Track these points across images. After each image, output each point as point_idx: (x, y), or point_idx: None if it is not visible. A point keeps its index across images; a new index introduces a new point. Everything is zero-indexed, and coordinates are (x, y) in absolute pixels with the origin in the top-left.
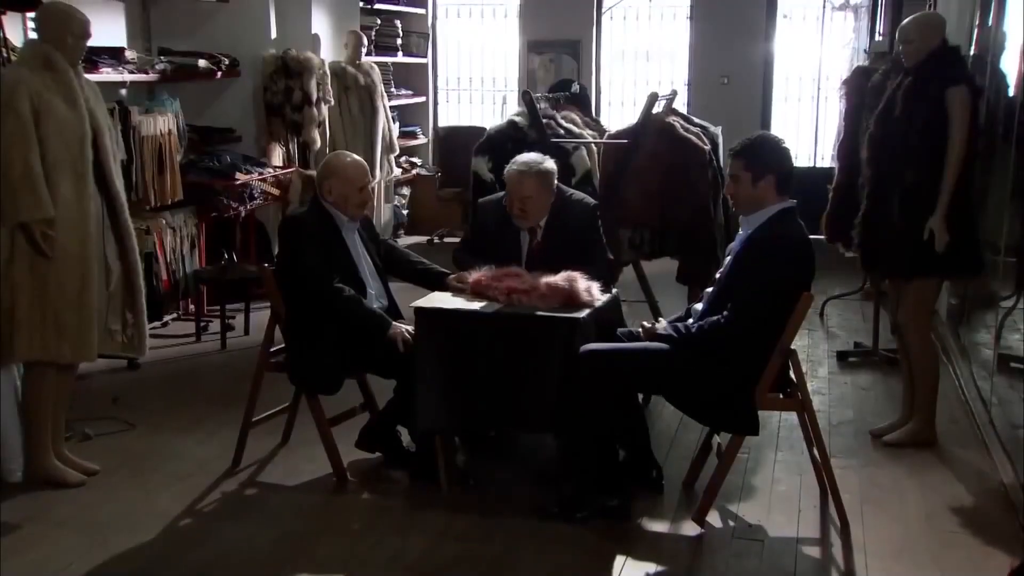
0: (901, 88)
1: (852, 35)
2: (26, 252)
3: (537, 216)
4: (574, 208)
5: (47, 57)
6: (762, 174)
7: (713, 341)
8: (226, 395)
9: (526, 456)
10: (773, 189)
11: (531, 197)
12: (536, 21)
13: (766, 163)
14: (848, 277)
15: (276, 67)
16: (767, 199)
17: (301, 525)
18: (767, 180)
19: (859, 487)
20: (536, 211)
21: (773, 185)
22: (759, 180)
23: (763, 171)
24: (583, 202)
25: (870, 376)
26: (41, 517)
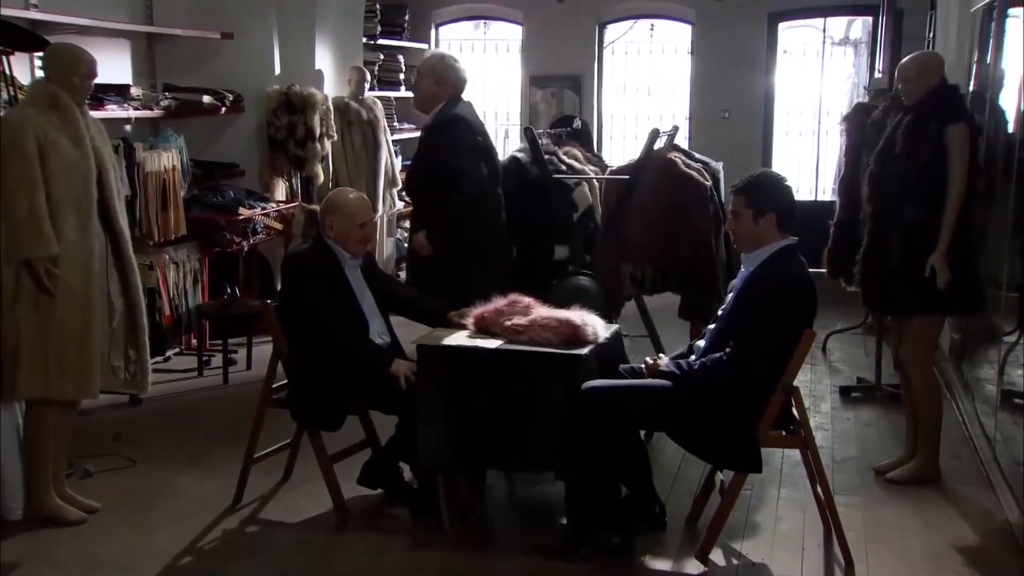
0: (901, 126)
1: (852, 70)
2: (30, 290)
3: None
4: None
5: (54, 96)
6: (763, 211)
7: (715, 378)
8: (228, 431)
9: (528, 493)
10: (774, 226)
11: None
12: (538, 56)
13: (767, 200)
14: (850, 311)
15: (280, 102)
16: (768, 236)
17: (303, 563)
18: (768, 218)
19: (863, 525)
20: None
21: (774, 223)
22: (760, 217)
23: (764, 208)
24: None
25: (873, 412)
26: (41, 555)
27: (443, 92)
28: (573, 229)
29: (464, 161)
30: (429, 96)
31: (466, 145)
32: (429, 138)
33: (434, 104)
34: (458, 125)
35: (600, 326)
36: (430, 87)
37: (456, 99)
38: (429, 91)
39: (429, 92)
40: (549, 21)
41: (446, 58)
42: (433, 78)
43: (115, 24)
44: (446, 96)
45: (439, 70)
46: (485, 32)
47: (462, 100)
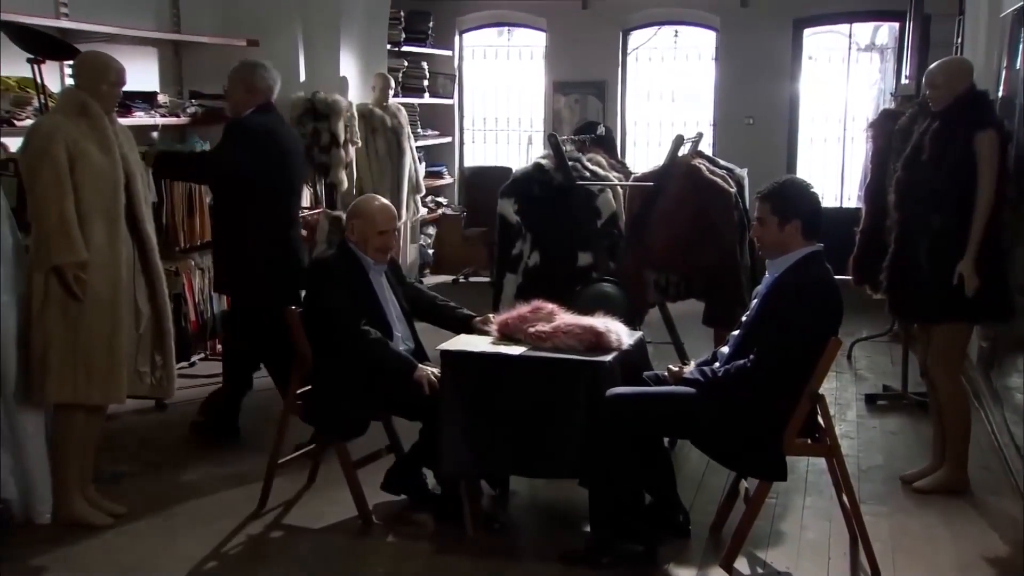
0: (928, 132)
1: (878, 76)
2: (59, 296)
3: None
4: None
5: (83, 104)
6: (789, 218)
7: (739, 385)
8: (252, 436)
9: (551, 500)
10: (799, 234)
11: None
12: (562, 62)
13: (793, 207)
14: (876, 319)
15: (304, 109)
16: (793, 243)
17: (326, 568)
18: (793, 224)
19: (890, 535)
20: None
21: (799, 230)
22: (786, 224)
23: (790, 215)
24: None
25: (899, 420)
26: (68, 560)
27: (253, 99)
28: (597, 236)
29: (225, 152)
30: (240, 102)
31: (241, 144)
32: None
33: (244, 110)
34: (243, 128)
35: (624, 333)
36: (242, 94)
37: (265, 107)
38: (241, 98)
39: (240, 99)
40: (573, 27)
41: (258, 67)
42: (244, 86)
43: (143, 32)
44: (255, 103)
45: (249, 79)
46: (509, 39)
47: (272, 110)
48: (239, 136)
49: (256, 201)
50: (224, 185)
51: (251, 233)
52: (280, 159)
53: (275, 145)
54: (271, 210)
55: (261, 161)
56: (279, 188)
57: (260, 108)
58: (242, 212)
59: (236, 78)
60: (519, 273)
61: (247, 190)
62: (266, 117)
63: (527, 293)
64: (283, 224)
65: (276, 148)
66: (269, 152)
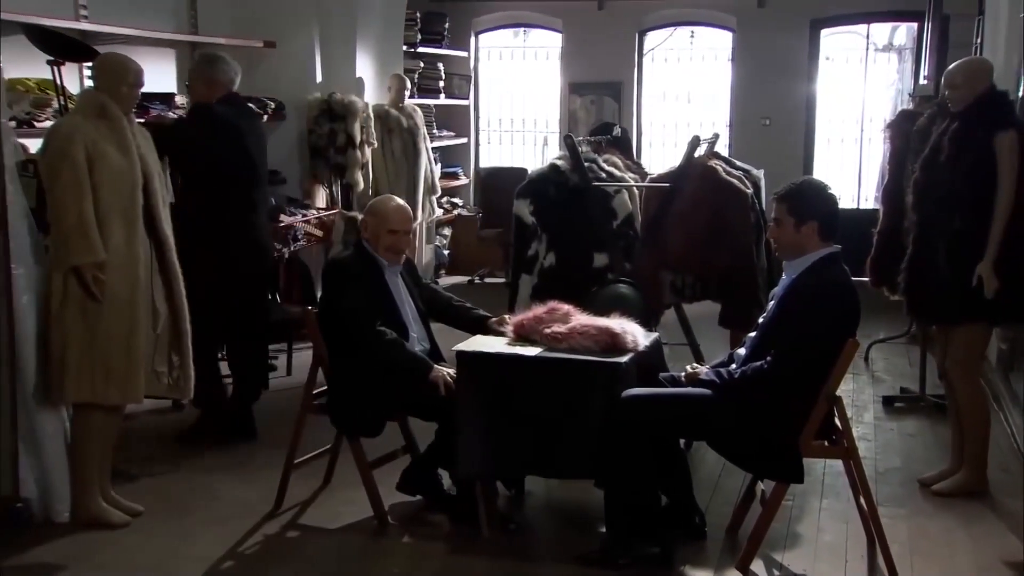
0: (947, 133)
1: (896, 76)
2: (77, 296)
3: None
4: None
5: (102, 106)
6: (805, 219)
7: (756, 387)
8: (268, 436)
9: (567, 501)
10: (816, 235)
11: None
12: (577, 63)
13: (810, 209)
14: (893, 321)
15: (321, 110)
16: (810, 245)
17: (342, 569)
18: (810, 226)
19: (908, 537)
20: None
21: (816, 231)
22: (802, 225)
23: (806, 216)
24: None
25: (917, 422)
26: (86, 558)
27: (213, 92)
28: (613, 237)
29: (179, 129)
30: (202, 96)
31: (198, 126)
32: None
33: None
34: (205, 112)
35: (640, 334)
36: (203, 88)
37: (227, 98)
38: (202, 92)
39: (202, 93)
40: (589, 28)
41: (218, 60)
42: (204, 79)
43: (161, 34)
44: (216, 96)
45: (209, 73)
46: (525, 39)
47: (235, 101)
48: (198, 118)
49: (218, 187)
50: (186, 172)
51: (215, 218)
52: (240, 146)
53: (235, 133)
54: (234, 196)
55: (221, 147)
56: (241, 175)
57: (222, 100)
58: (206, 198)
59: (196, 73)
60: (535, 274)
61: (209, 177)
62: (228, 108)
63: (543, 294)
64: (246, 209)
65: (236, 136)
66: (230, 139)
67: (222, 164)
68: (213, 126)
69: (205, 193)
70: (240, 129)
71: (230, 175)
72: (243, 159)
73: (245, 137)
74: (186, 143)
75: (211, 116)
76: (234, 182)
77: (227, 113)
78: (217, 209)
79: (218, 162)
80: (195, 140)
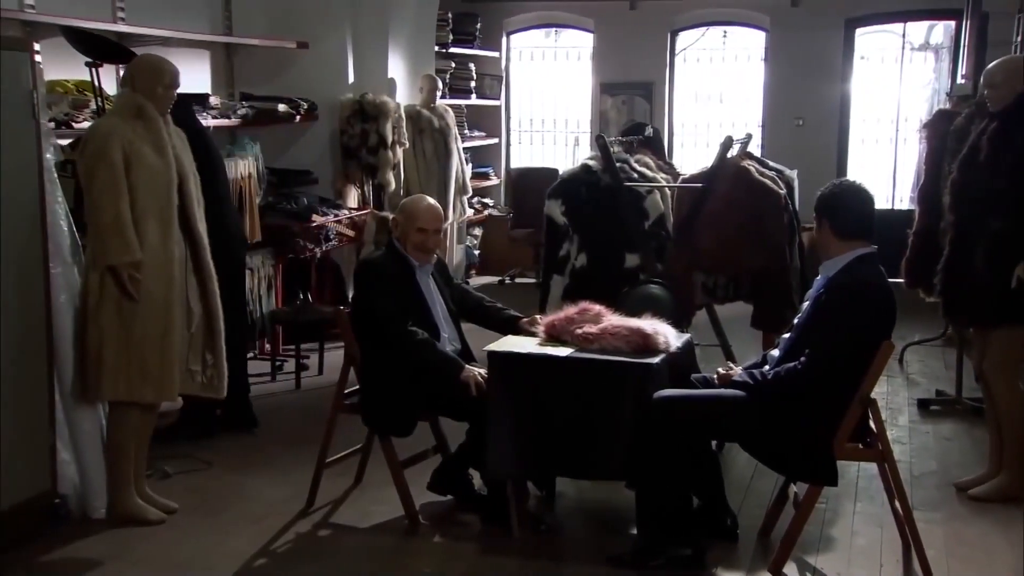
0: (986, 133)
1: (932, 76)
2: (114, 296)
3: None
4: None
5: (139, 106)
6: (819, 223)
7: (789, 388)
8: (300, 435)
9: (598, 502)
10: (832, 236)
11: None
12: (609, 63)
13: (820, 210)
14: (928, 322)
15: (353, 111)
16: (832, 244)
17: (373, 568)
18: (824, 228)
19: (944, 542)
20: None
21: (831, 232)
22: (819, 228)
23: (819, 219)
24: None
25: (953, 425)
26: (122, 555)
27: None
28: (644, 237)
29: None
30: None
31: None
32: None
33: None
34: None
35: (672, 335)
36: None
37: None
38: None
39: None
40: (620, 28)
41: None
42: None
43: (196, 35)
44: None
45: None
46: (556, 40)
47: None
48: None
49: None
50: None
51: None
52: (203, 146)
53: (200, 136)
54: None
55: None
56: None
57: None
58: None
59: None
60: (566, 274)
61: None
62: (181, 110)
63: (574, 294)
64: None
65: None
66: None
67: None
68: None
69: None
70: (193, 129)
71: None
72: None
73: (200, 135)
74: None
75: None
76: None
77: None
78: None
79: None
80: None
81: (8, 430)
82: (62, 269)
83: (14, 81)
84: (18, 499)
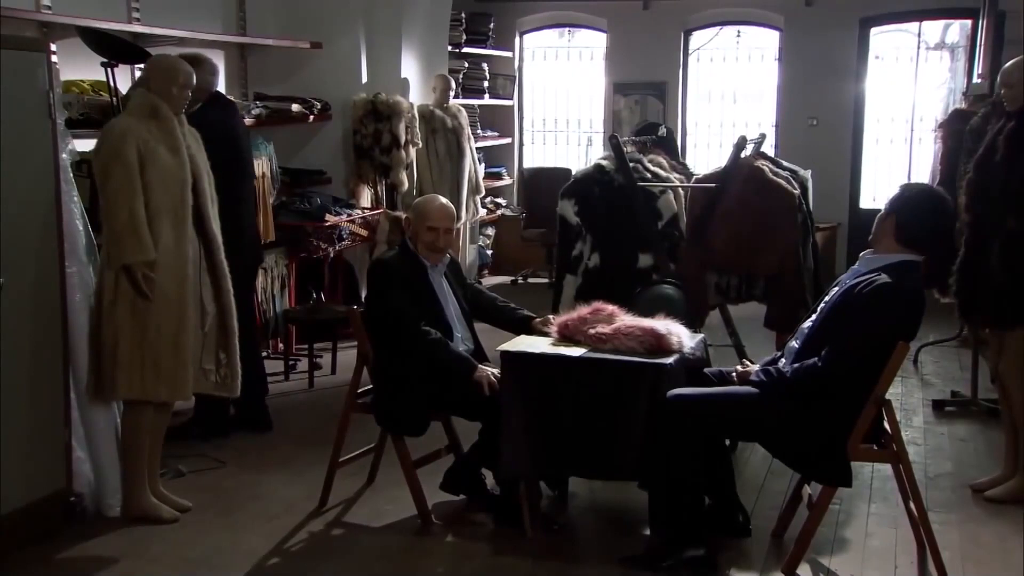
0: (1003, 132)
1: (948, 75)
2: (128, 295)
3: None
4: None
5: (153, 106)
6: (889, 211)
7: (808, 386)
8: (313, 434)
9: (611, 502)
10: (893, 231)
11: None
12: (622, 63)
13: (896, 202)
14: (943, 323)
15: (366, 111)
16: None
17: (386, 567)
18: (890, 220)
19: (959, 544)
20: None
21: (893, 226)
22: (887, 217)
23: (890, 209)
24: None
25: (969, 427)
26: (137, 552)
27: (197, 97)
28: (657, 237)
29: None
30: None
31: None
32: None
33: (193, 107)
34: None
35: (685, 335)
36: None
37: (212, 99)
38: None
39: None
40: (634, 28)
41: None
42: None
43: (210, 35)
44: (200, 100)
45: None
46: (569, 40)
47: (219, 101)
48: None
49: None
50: None
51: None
52: (229, 147)
53: (229, 136)
54: (229, 194)
55: (219, 154)
56: (233, 173)
57: (208, 102)
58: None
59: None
60: (579, 274)
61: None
62: (215, 110)
63: (587, 294)
64: (235, 202)
65: (231, 139)
66: (225, 143)
67: (219, 171)
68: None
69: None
70: (231, 131)
71: (224, 177)
72: (236, 161)
73: (237, 138)
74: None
75: (206, 127)
76: (227, 181)
77: (216, 118)
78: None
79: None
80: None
81: (24, 428)
82: (77, 268)
83: (30, 81)
84: (34, 497)
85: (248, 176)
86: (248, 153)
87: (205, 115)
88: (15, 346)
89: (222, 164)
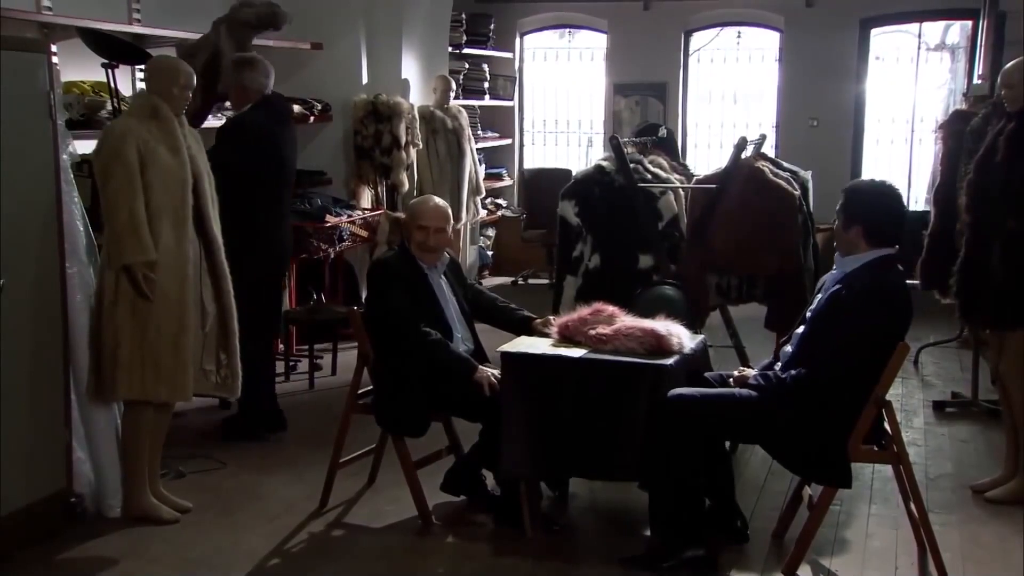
0: (1003, 133)
1: (948, 76)
2: (129, 295)
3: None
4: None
5: (154, 107)
6: (851, 223)
7: (804, 391)
8: (313, 435)
9: (611, 503)
10: (862, 239)
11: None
12: (623, 64)
13: (856, 212)
14: (944, 324)
15: (367, 111)
16: (859, 246)
17: (386, 567)
18: (855, 230)
19: (960, 545)
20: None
21: (861, 235)
22: (849, 227)
23: (852, 219)
24: None
25: (969, 428)
26: (137, 553)
27: (246, 98)
28: (658, 238)
29: (219, 154)
30: (235, 101)
31: (232, 144)
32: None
33: (241, 107)
34: (237, 127)
35: (685, 336)
36: (234, 95)
37: (262, 102)
38: (234, 98)
39: (236, 98)
40: (634, 29)
41: (245, 67)
42: (234, 87)
43: None
44: (250, 100)
45: (237, 80)
46: (570, 40)
47: (269, 104)
48: (232, 135)
49: (251, 190)
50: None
51: (247, 216)
52: (272, 154)
53: (269, 141)
54: (264, 197)
55: (255, 157)
56: (269, 179)
57: (257, 104)
58: (240, 199)
59: (229, 79)
60: (579, 275)
61: (243, 181)
62: (261, 113)
63: (587, 295)
64: (272, 206)
65: (269, 143)
66: (263, 147)
67: (253, 173)
68: (249, 139)
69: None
70: (273, 136)
71: (259, 180)
72: (274, 165)
73: (278, 144)
74: (226, 165)
75: (247, 131)
76: (261, 184)
77: (259, 121)
78: (241, 208)
79: (249, 172)
80: (233, 163)
81: (25, 428)
82: (78, 268)
83: (31, 82)
84: (34, 497)
85: (284, 183)
86: (289, 161)
87: (246, 117)
88: (15, 346)
89: (254, 167)
